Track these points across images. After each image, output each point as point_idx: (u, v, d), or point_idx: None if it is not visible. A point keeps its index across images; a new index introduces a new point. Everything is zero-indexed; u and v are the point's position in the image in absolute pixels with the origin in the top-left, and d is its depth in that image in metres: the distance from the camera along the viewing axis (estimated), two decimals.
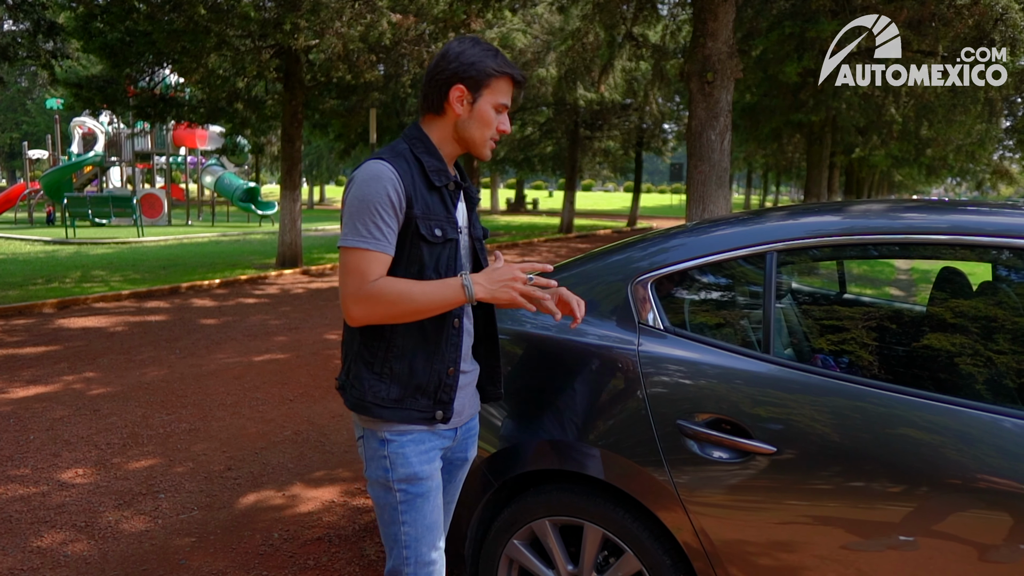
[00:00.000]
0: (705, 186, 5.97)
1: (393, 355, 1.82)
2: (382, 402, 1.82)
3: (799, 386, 1.95)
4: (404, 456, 1.83)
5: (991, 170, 22.17)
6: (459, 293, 1.73)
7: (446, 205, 1.84)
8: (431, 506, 1.88)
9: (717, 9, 5.89)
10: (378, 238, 1.70)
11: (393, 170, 1.73)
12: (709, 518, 2.00)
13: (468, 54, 1.80)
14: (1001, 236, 1.92)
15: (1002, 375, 2.01)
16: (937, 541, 1.76)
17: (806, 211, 2.24)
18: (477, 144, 1.87)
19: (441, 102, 1.83)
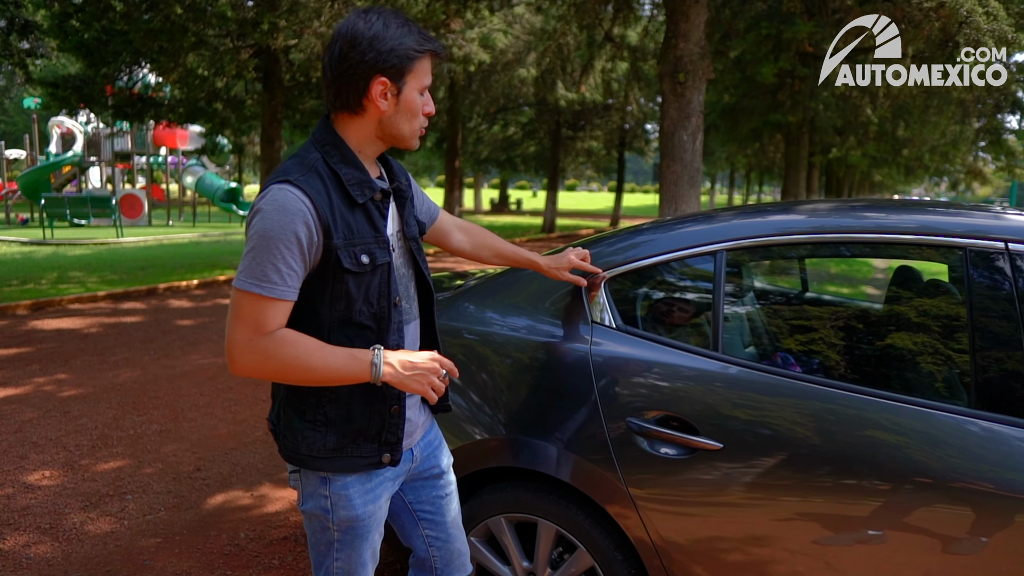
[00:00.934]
0: (677, 186, 6.01)
1: (326, 399, 1.60)
2: (318, 453, 1.61)
3: (746, 384, 1.98)
4: (347, 498, 1.65)
5: (965, 170, 22.47)
6: (365, 372, 1.50)
7: (372, 221, 1.58)
8: (369, 542, 1.73)
9: (689, 11, 5.93)
10: (277, 283, 1.44)
11: (304, 198, 1.46)
12: (658, 514, 2.03)
13: (383, 38, 1.49)
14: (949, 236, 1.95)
15: (948, 372, 2.06)
16: (878, 532, 1.80)
17: (755, 211, 2.27)
18: (406, 137, 1.61)
19: (360, 99, 1.53)
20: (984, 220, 1.95)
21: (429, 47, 1.55)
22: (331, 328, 1.56)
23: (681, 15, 5.94)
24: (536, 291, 2.32)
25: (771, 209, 2.27)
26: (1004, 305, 1.82)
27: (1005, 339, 1.80)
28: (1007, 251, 1.85)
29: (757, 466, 1.92)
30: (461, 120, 20.00)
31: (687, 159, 5.98)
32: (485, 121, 24.33)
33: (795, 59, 10.68)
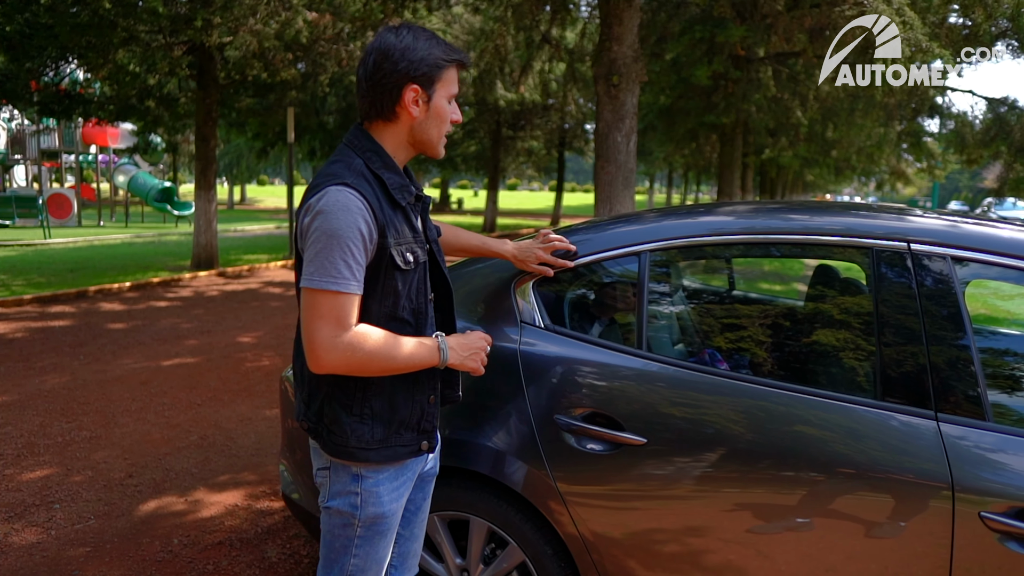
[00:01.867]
0: (612, 187, 6.12)
1: (371, 393, 1.69)
2: (367, 445, 1.69)
3: (669, 381, 2.06)
4: (377, 495, 1.73)
5: (890, 171, 23.41)
6: (435, 357, 1.66)
7: (411, 223, 1.70)
8: (388, 541, 1.80)
9: (622, 14, 6.04)
10: (349, 278, 1.53)
11: (362, 198, 1.55)
12: (587, 509, 2.09)
13: (414, 49, 1.61)
14: (857, 237, 2.05)
15: (863, 368, 2.16)
16: (806, 520, 1.89)
17: (676, 213, 2.35)
18: (435, 143, 1.72)
19: (393, 107, 1.64)
20: (889, 222, 2.06)
21: (456, 57, 1.68)
22: (379, 323, 1.65)
23: (615, 19, 6.04)
24: (469, 293, 2.36)
25: (690, 212, 2.36)
26: (907, 302, 1.93)
27: (907, 335, 1.91)
28: (910, 251, 1.97)
29: (681, 460, 1.99)
30: None
31: (621, 160, 6.09)
32: None
33: (728, 62, 10.95)
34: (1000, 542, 1.71)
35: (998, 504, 1.72)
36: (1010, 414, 2.03)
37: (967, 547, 1.74)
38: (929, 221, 2.06)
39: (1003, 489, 1.73)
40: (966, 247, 1.94)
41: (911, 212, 2.23)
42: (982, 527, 1.72)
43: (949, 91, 11.38)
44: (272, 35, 11.59)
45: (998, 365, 2.47)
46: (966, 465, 1.76)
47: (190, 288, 11.56)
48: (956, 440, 1.79)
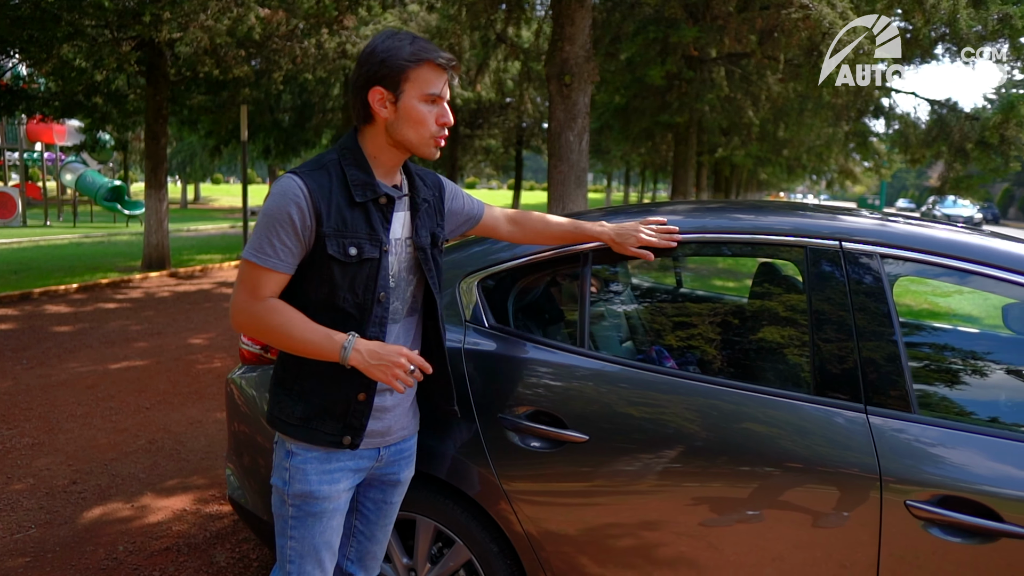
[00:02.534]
0: (564, 185, 6.16)
1: (305, 373, 1.77)
2: (288, 419, 1.78)
3: (610, 378, 2.09)
4: (304, 472, 1.78)
5: (839, 170, 24.00)
6: (335, 352, 1.66)
7: (370, 221, 1.72)
8: (323, 527, 1.81)
9: (574, 14, 6.08)
10: (269, 255, 1.65)
11: (303, 185, 1.65)
12: (532, 506, 2.12)
13: (379, 51, 1.67)
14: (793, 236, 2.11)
15: (795, 362, 2.22)
16: (755, 512, 1.94)
17: (617, 213, 2.38)
18: (416, 145, 1.73)
19: (366, 110, 1.71)
20: (822, 221, 2.12)
21: (425, 57, 1.67)
22: (316, 309, 1.71)
23: (567, 19, 6.08)
24: None
25: (630, 211, 2.39)
26: (838, 299, 1.99)
27: (839, 331, 1.96)
28: (841, 250, 2.02)
29: (623, 457, 2.02)
30: None
31: (573, 159, 6.13)
32: None
33: (681, 62, 11.09)
34: (924, 529, 1.78)
35: (922, 493, 1.78)
36: (935, 405, 2.10)
37: (894, 534, 1.80)
38: (860, 220, 2.13)
39: (927, 478, 1.79)
40: (894, 245, 2.00)
41: (843, 212, 2.30)
42: (908, 515, 1.79)
43: (894, 93, 11.69)
44: (224, 31, 11.40)
45: (924, 358, 2.55)
46: (893, 456, 1.82)
47: (140, 289, 11.34)
48: (883, 432, 1.85)
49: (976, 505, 1.75)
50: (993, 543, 1.74)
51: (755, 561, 1.93)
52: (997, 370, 2.57)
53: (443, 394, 1.97)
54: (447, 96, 1.75)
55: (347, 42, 14.32)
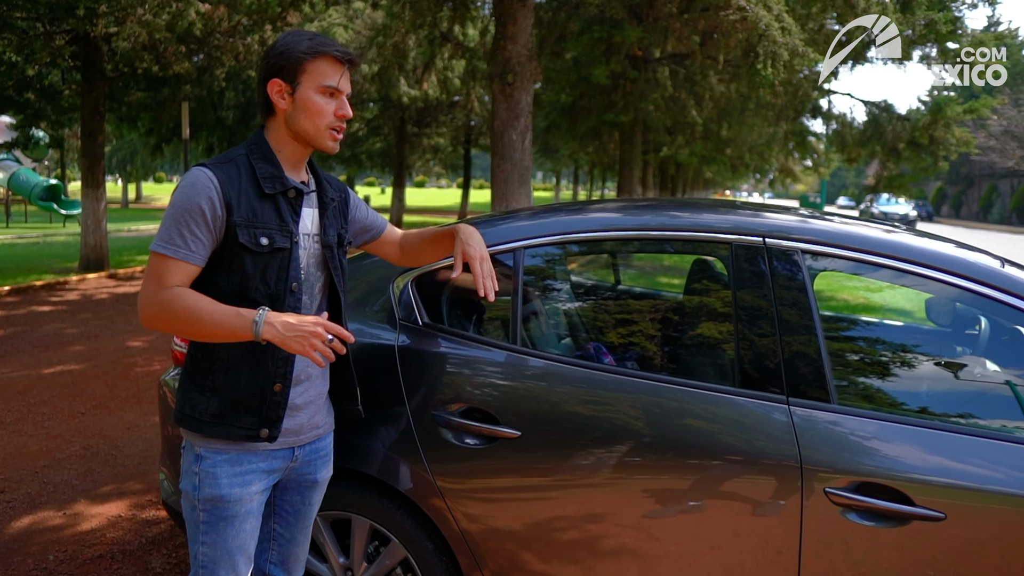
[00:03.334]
0: (508, 184, 6.19)
1: (217, 367, 1.74)
2: (201, 416, 1.74)
3: (540, 374, 2.12)
4: (214, 476, 1.75)
5: (779, 168, 24.63)
6: (247, 328, 1.62)
7: (279, 212, 1.74)
8: (236, 531, 1.78)
9: (516, 14, 6.11)
10: (179, 246, 1.64)
11: (212, 177, 1.66)
12: (466, 502, 2.13)
13: (278, 45, 1.73)
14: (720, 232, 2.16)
15: (722, 356, 2.28)
16: (697, 503, 1.98)
17: (550, 211, 2.41)
18: (313, 136, 1.76)
19: (267, 102, 1.76)
20: (746, 218, 2.18)
21: (321, 49, 1.72)
22: (228, 300, 1.69)
23: (509, 18, 6.10)
24: (350, 290, 2.36)
25: (561, 209, 2.42)
26: (762, 294, 2.05)
27: (762, 325, 2.02)
28: (765, 246, 2.08)
29: (555, 451, 2.05)
30: None
31: (516, 158, 6.16)
32: None
33: (626, 62, 11.21)
34: (842, 515, 1.84)
35: (840, 480, 1.85)
36: (853, 396, 2.18)
37: (816, 521, 1.87)
38: (782, 217, 2.19)
39: (844, 466, 1.86)
40: (815, 241, 2.07)
41: (768, 209, 2.37)
42: (827, 502, 1.85)
43: (831, 94, 12.02)
44: (163, 26, 11.13)
45: (844, 351, 2.64)
46: (813, 446, 1.89)
47: (77, 291, 11.03)
48: (804, 423, 1.92)
49: (890, 490, 1.82)
50: (906, 526, 1.81)
51: (694, 551, 1.98)
52: (913, 361, 2.67)
53: (347, 393, 1.98)
54: (346, 90, 1.78)
55: None
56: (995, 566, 1.78)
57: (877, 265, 2.04)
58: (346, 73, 1.76)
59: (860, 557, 1.85)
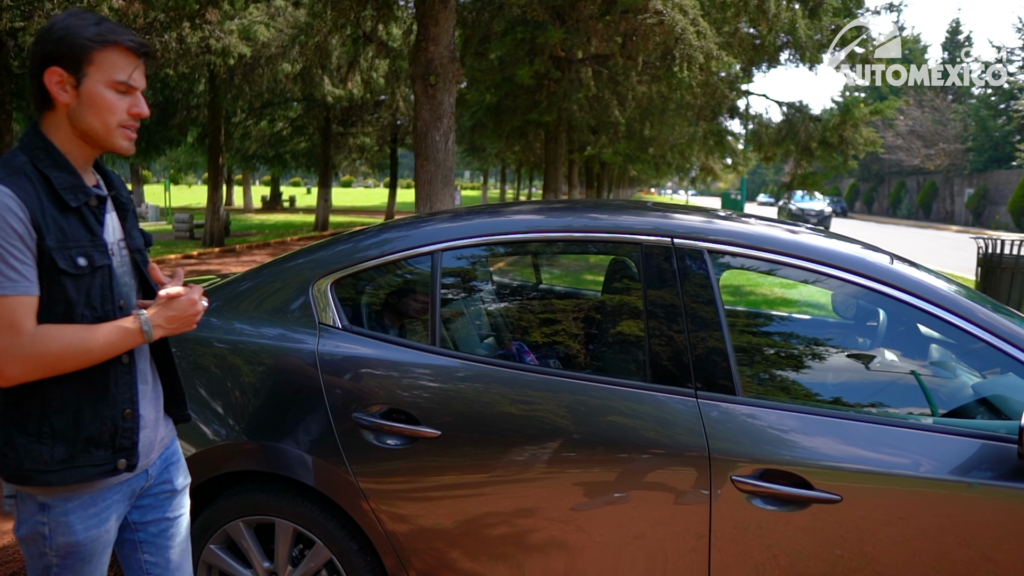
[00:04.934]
0: (431, 184, 6.24)
1: (51, 409, 1.53)
2: (46, 466, 1.53)
3: (457, 374, 2.17)
4: (68, 524, 1.58)
5: (700, 167, 25.37)
6: (137, 337, 1.54)
7: (88, 226, 1.55)
8: (93, 566, 1.65)
9: (438, 15, 6.15)
10: (15, 279, 1.43)
11: (12, 195, 1.44)
12: (388, 502, 2.16)
13: (57, 27, 1.49)
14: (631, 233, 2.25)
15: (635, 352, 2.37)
16: (622, 494, 2.05)
17: (467, 214, 2.47)
18: (102, 135, 1.55)
19: (43, 94, 1.51)
20: (655, 219, 2.27)
21: (113, 39, 1.51)
22: None
23: (431, 19, 6.14)
24: (270, 294, 2.36)
25: (478, 212, 2.48)
26: (670, 292, 2.14)
27: (671, 321, 2.12)
28: (673, 246, 2.18)
29: (474, 449, 2.10)
30: (224, 115, 19.05)
31: (440, 159, 6.22)
32: (251, 116, 23.36)
33: (549, 63, 11.36)
34: (748, 500, 1.95)
35: (746, 468, 1.96)
36: (757, 388, 2.30)
37: (723, 507, 1.97)
38: (689, 218, 2.30)
39: (749, 454, 1.96)
40: (720, 241, 2.18)
41: (675, 210, 2.47)
42: (733, 489, 1.95)
43: (748, 95, 12.44)
44: None
45: (748, 344, 2.77)
46: (719, 436, 1.99)
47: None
48: (711, 415, 2.02)
49: (792, 476, 1.94)
50: (806, 509, 1.93)
51: (620, 540, 2.05)
52: (814, 353, 2.82)
53: (174, 400, 1.83)
54: (140, 85, 1.58)
55: (211, 36, 13.78)
56: (894, 542, 1.90)
57: (778, 263, 2.16)
58: (141, 66, 1.57)
59: (769, 540, 1.96)
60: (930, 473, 1.89)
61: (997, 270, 8.30)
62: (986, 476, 1.87)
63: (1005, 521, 1.86)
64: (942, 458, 1.91)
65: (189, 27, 12.97)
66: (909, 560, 1.89)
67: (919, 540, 1.89)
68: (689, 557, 2.01)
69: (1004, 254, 8.31)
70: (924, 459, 1.91)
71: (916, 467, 1.90)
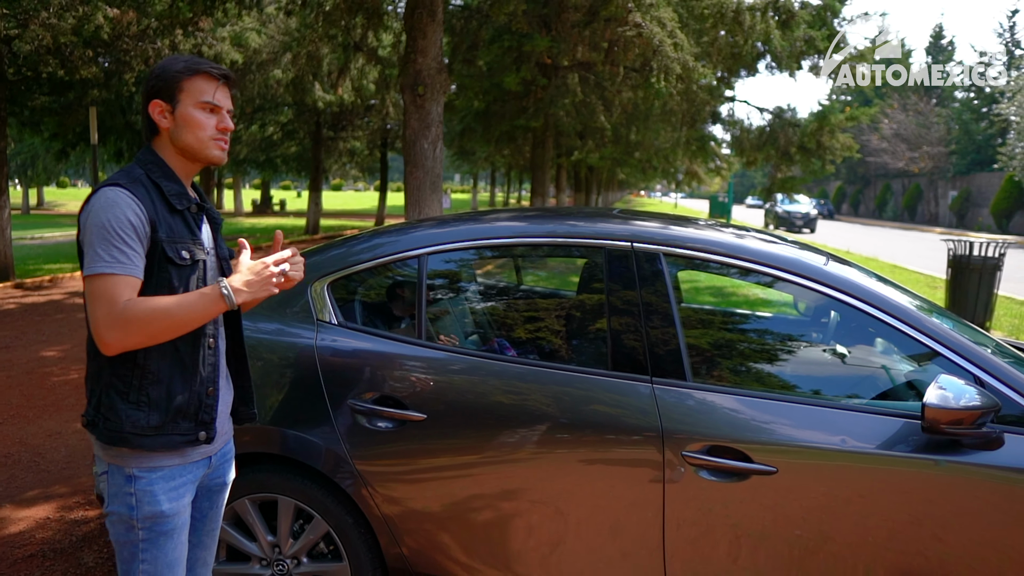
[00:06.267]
0: (420, 191, 6.51)
1: (148, 381, 1.78)
2: (142, 431, 1.77)
3: (441, 363, 2.45)
4: (152, 494, 1.80)
5: (685, 170, 25.81)
6: (219, 302, 1.72)
7: (190, 227, 1.85)
8: (174, 543, 1.85)
9: (426, 28, 6.41)
10: (123, 261, 1.68)
11: (131, 195, 1.72)
12: (379, 477, 2.43)
13: (156, 69, 1.83)
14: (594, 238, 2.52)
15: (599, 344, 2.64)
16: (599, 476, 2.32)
17: (453, 221, 2.74)
18: (197, 149, 1.84)
19: (150, 123, 1.84)
20: (618, 226, 2.55)
21: (197, 68, 1.83)
22: None
23: (419, 32, 6.40)
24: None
25: (463, 219, 2.75)
26: (630, 290, 2.42)
27: (631, 317, 2.39)
28: (632, 250, 2.46)
29: (456, 431, 2.37)
30: None
31: (428, 166, 6.49)
32: (242, 121, 23.56)
33: (535, 70, 11.63)
34: (696, 473, 2.22)
35: (695, 444, 2.23)
36: (705, 374, 2.57)
37: (674, 479, 2.24)
38: (647, 224, 2.58)
39: (697, 432, 2.24)
40: (674, 245, 2.46)
41: (636, 217, 2.75)
42: (684, 462, 2.23)
43: (733, 101, 12.75)
44: (68, 30, 10.95)
45: (698, 336, 3.05)
46: (672, 417, 2.26)
47: None
48: (664, 398, 2.29)
49: (734, 451, 2.21)
50: (746, 480, 2.20)
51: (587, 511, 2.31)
52: (760, 344, 3.10)
53: (243, 398, 2.06)
54: (225, 105, 1.87)
55: (203, 43, 14.00)
56: (822, 508, 2.17)
57: (725, 264, 2.44)
58: (222, 88, 1.85)
59: (715, 507, 2.23)
60: (855, 448, 2.17)
61: (966, 271, 8.63)
62: (903, 449, 2.15)
63: (917, 487, 2.14)
64: (866, 435, 2.18)
65: (182, 34, 13.17)
66: (836, 522, 2.16)
67: (846, 506, 2.17)
68: (646, 522, 2.28)
69: (972, 255, 8.64)
70: (850, 436, 2.19)
71: (843, 443, 2.18)
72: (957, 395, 2.02)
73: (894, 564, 2.14)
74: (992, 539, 2.09)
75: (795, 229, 32.31)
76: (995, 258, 8.57)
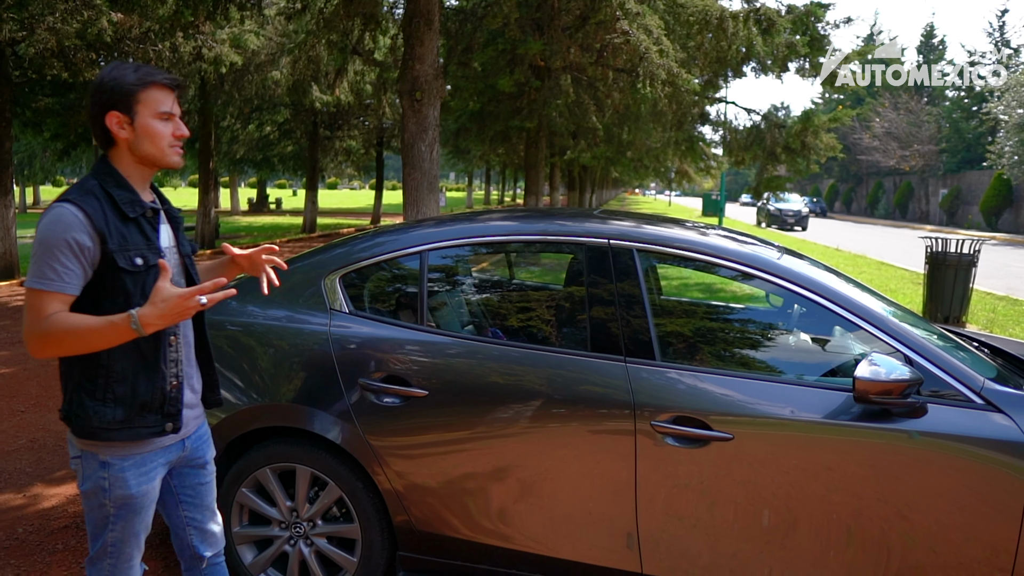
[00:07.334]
0: (418, 191, 6.85)
1: (113, 380, 1.89)
2: (109, 425, 1.89)
3: (439, 346, 2.78)
4: (123, 480, 1.94)
5: (676, 170, 26.25)
6: (128, 332, 1.77)
7: (144, 233, 1.92)
8: (143, 517, 2.02)
9: (423, 36, 6.73)
10: (52, 278, 1.77)
11: (79, 212, 1.80)
12: (386, 447, 2.76)
13: (106, 81, 1.86)
14: (575, 236, 2.85)
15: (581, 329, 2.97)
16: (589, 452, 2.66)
17: (451, 220, 3.07)
18: (157, 157, 1.93)
19: (106, 135, 1.89)
20: (596, 225, 2.88)
21: (150, 80, 1.89)
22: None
23: (416, 40, 6.73)
24: (291, 286, 2.95)
25: (459, 219, 3.08)
26: (607, 282, 2.74)
27: (607, 305, 2.72)
28: (609, 246, 2.79)
29: (453, 407, 2.70)
30: (214, 120, 19.52)
31: (425, 167, 6.82)
32: (239, 121, 23.83)
33: (529, 72, 11.96)
34: (663, 439, 2.55)
35: (663, 415, 2.55)
36: (671, 354, 2.89)
37: (645, 446, 2.56)
38: (621, 224, 2.91)
39: (665, 404, 2.56)
40: (645, 242, 2.79)
41: (614, 217, 3.08)
42: (653, 431, 2.55)
43: (723, 102, 13.10)
44: (73, 33, 11.22)
45: (666, 322, 3.38)
46: (642, 391, 2.59)
47: None
48: (636, 375, 2.62)
49: (696, 421, 2.54)
50: (707, 446, 2.53)
51: (570, 477, 2.64)
52: (720, 328, 3.44)
53: (209, 385, 2.21)
54: (177, 112, 1.96)
55: (203, 46, 14.28)
56: (774, 469, 2.50)
57: (691, 260, 2.78)
58: (175, 97, 1.94)
59: (680, 469, 2.55)
60: (801, 417, 2.50)
61: (943, 267, 8.98)
62: (844, 418, 2.47)
63: (854, 450, 2.47)
64: (811, 406, 2.51)
65: (182, 37, 13.46)
66: (785, 482, 2.49)
67: (795, 468, 2.49)
68: (622, 484, 2.60)
69: (948, 252, 9.00)
70: (797, 407, 2.52)
71: (791, 413, 2.51)
72: (888, 370, 2.35)
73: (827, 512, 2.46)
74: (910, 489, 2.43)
75: (787, 227, 32.75)
76: (970, 255, 8.92)
